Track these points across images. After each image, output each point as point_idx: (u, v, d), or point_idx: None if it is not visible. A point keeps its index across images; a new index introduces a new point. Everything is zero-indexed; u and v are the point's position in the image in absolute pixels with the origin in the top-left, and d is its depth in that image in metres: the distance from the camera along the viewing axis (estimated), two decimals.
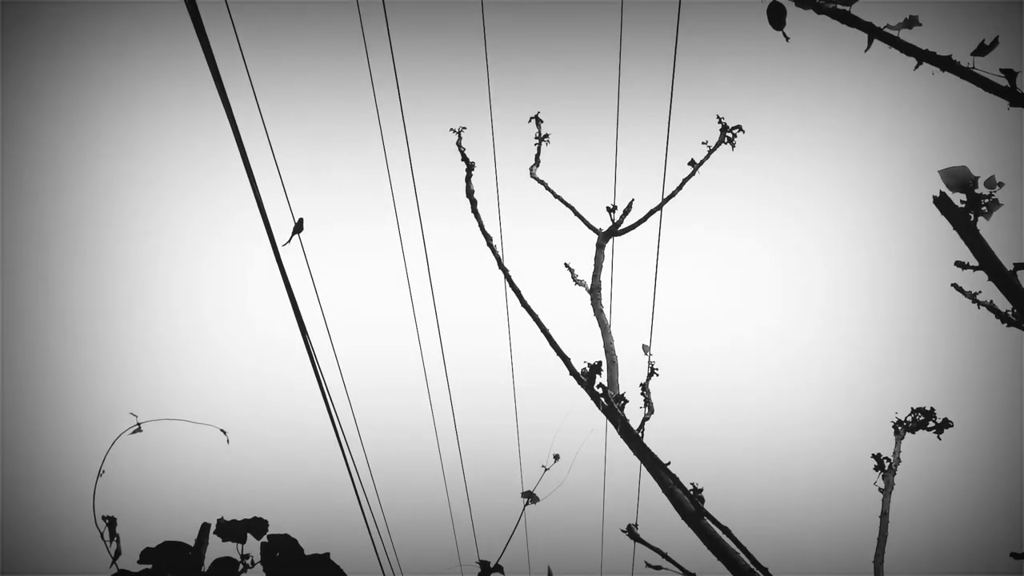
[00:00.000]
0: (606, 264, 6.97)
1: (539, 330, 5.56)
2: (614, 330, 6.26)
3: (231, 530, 2.48)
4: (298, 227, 5.26)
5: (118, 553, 2.70)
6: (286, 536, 2.47)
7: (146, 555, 2.40)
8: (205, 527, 2.57)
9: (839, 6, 2.57)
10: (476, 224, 6.38)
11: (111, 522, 2.70)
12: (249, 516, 2.49)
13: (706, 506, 4.91)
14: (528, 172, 7.92)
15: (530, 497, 3.80)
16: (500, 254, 6.20)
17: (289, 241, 5.17)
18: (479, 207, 6.54)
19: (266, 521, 2.49)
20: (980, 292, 4.88)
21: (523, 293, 5.80)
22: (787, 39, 2.71)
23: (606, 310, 6.48)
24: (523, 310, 5.73)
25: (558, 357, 5.44)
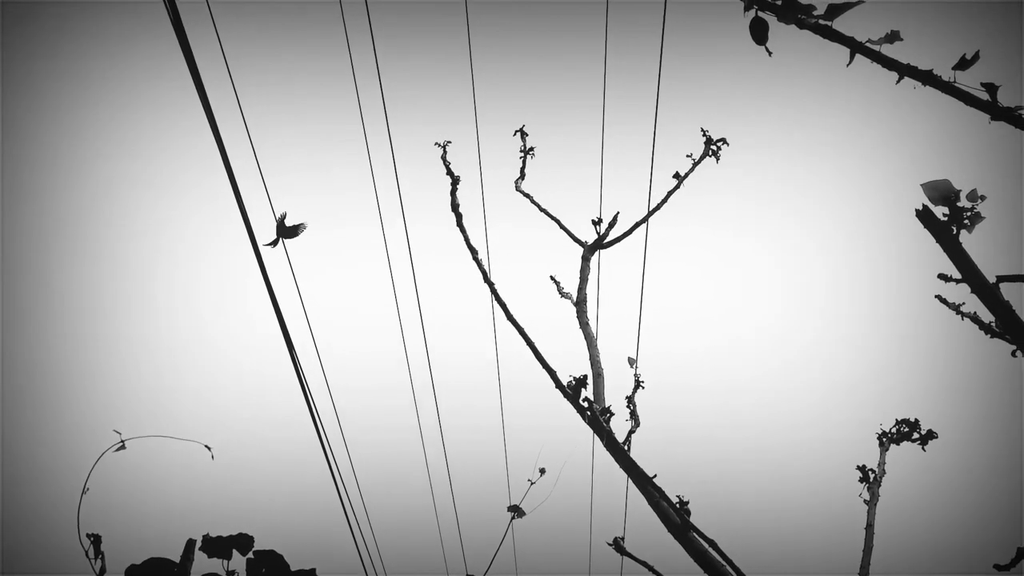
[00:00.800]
0: (592, 277, 6.99)
1: (525, 343, 5.56)
2: (603, 337, 6.27)
3: (216, 546, 2.47)
4: (281, 225, 5.08)
5: (103, 571, 2.68)
6: (272, 552, 2.46)
7: (131, 572, 2.39)
8: (190, 543, 2.55)
9: (821, 21, 2.59)
10: (462, 238, 6.39)
11: (96, 540, 2.69)
12: (235, 531, 2.48)
13: (695, 516, 4.92)
14: (514, 186, 7.94)
15: (516, 512, 3.79)
16: (486, 268, 6.21)
17: (276, 242, 5.06)
18: (464, 220, 6.55)
19: (252, 537, 2.48)
20: (964, 303, 4.92)
21: (509, 307, 5.80)
22: (770, 54, 2.72)
23: (592, 323, 6.49)
24: (509, 323, 5.73)
25: (544, 370, 5.44)
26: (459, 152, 7.32)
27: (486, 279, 6.16)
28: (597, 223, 7.29)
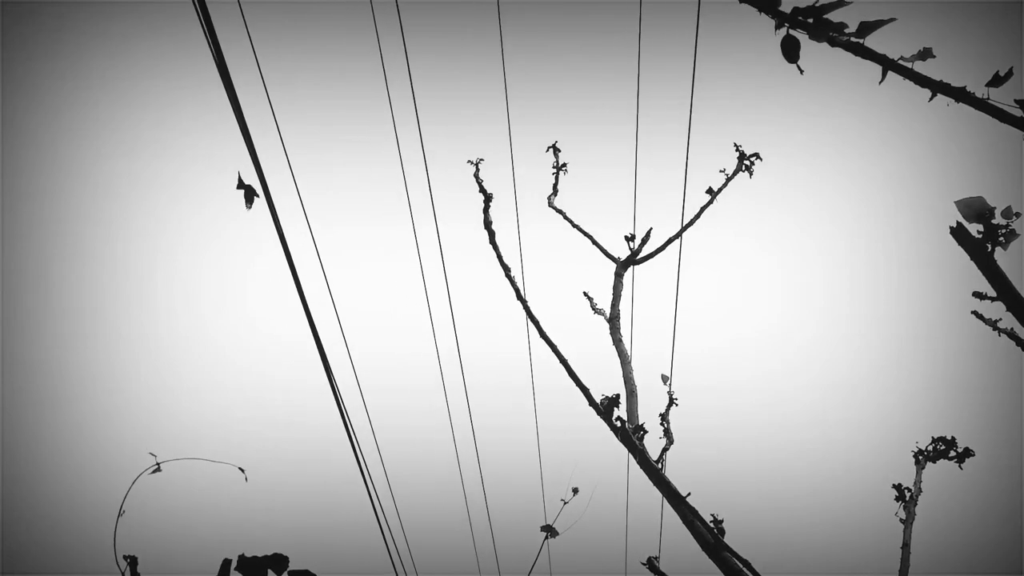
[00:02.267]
0: (625, 293, 6.97)
1: (559, 361, 5.56)
2: (636, 353, 6.25)
3: (252, 566, 2.49)
4: (249, 192, 4.55)
5: None
6: (306, 572, 2.48)
7: None
8: (226, 563, 2.57)
9: (853, 39, 2.58)
10: (495, 255, 6.40)
11: (132, 562, 2.72)
12: (262, 547, 2.50)
13: (728, 536, 4.87)
14: (546, 202, 7.94)
15: (550, 531, 3.78)
16: (519, 286, 6.22)
17: (250, 204, 4.61)
18: (496, 237, 6.57)
19: (286, 557, 2.50)
20: (1000, 319, 4.86)
21: (542, 324, 5.81)
22: (801, 72, 2.71)
23: (625, 339, 6.48)
24: (543, 341, 5.74)
25: (577, 388, 5.44)
26: (489, 168, 7.35)
27: (519, 297, 6.17)
28: (630, 239, 7.28)
